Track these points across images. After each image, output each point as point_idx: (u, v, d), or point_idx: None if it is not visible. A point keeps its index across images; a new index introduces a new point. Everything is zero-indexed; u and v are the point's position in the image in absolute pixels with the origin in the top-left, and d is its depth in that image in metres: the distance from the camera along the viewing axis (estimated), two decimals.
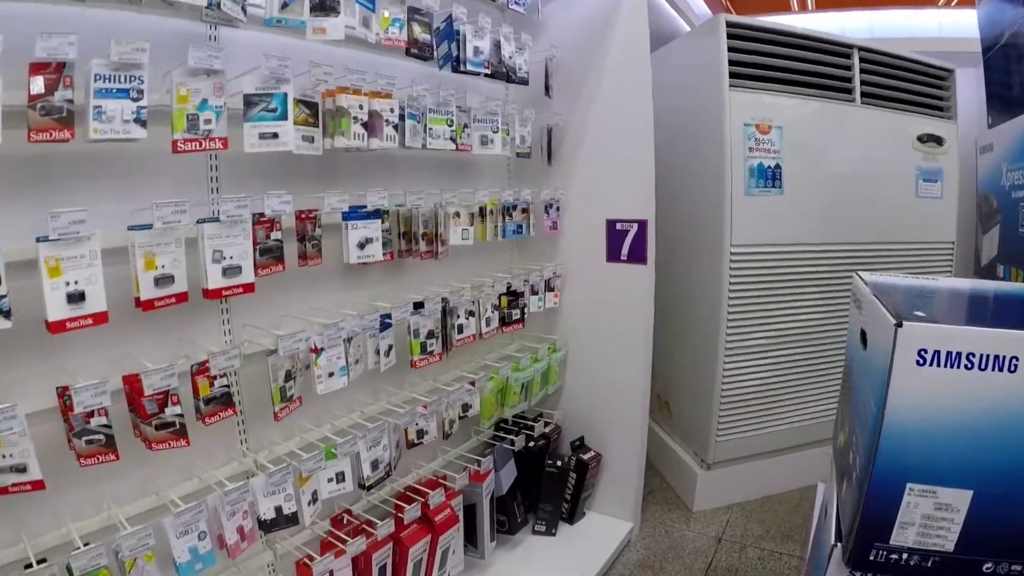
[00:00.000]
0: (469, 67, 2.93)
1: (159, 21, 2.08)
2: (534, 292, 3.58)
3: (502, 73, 3.13)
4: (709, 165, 3.95)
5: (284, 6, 2.22)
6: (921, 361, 1.15)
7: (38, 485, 1.76)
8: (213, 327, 2.38)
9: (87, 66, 1.81)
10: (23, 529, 1.88)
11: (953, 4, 5.85)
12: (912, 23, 6.00)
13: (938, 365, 1.14)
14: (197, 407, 2.14)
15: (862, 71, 4.11)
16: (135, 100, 1.89)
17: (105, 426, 1.91)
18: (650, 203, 3.54)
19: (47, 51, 1.74)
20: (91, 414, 1.88)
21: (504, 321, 3.38)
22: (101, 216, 1.87)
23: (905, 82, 4.27)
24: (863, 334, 1.45)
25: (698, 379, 4.24)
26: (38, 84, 1.77)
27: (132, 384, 1.98)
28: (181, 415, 2.06)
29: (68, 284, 1.80)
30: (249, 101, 2.15)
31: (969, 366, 1.13)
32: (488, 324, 3.27)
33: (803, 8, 6.07)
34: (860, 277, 1.65)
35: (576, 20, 3.65)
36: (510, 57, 3.16)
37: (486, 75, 3.05)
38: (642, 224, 3.55)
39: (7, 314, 1.72)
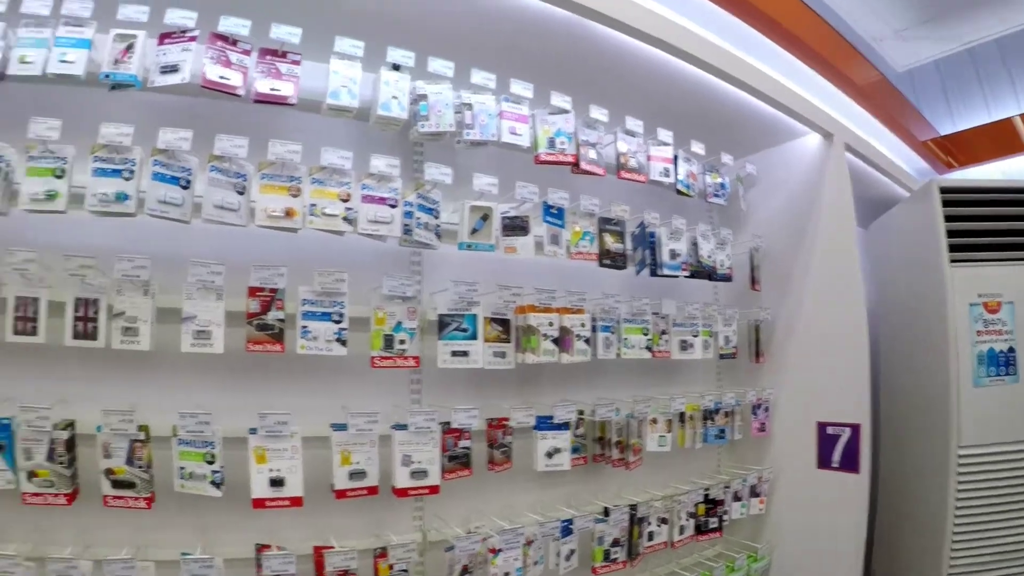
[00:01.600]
0: (666, 271, 3.12)
1: (371, 243, 2.49)
2: (737, 498, 3.53)
3: (702, 272, 3.28)
4: (931, 352, 3.67)
5: (474, 231, 2.56)
6: None
7: None
8: (406, 513, 2.72)
9: (296, 290, 2.31)
10: None
11: None
12: None
13: None
14: None
15: None
16: (336, 323, 2.35)
17: None
18: (864, 405, 3.39)
19: (260, 280, 2.29)
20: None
21: (700, 529, 3.35)
22: (310, 411, 2.38)
23: None
24: None
25: None
26: (254, 305, 2.29)
27: (319, 555, 2.37)
28: None
29: (271, 471, 2.28)
30: (443, 321, 2.51)
31: None
32: (682, 532, 3.26)
33: None
34: None
35: (779, 207, 3.75)
36: (709, 256, 3.31)
37: (686, 276, 3.20)
38: (855, 429, 3.38)
39: (219, 485, 2.24)
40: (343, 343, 2.34)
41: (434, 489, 2.48)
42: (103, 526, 2.37)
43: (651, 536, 3.13)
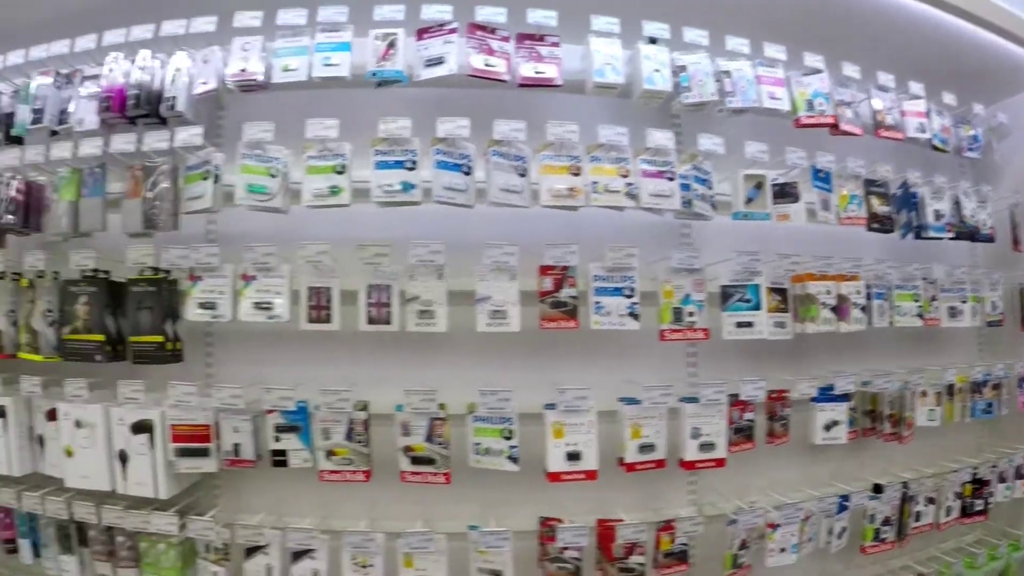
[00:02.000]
0: (931, 233, 2.93)
1: (640, 216, 2.49)
2: (1002, 480, 3.29)
3: (965, 233, 3.06)
4: None
5: (748, 200, 2.50)
6: None
7: None
8: (680, 487, 2.74)
9: (586, 267, 2.35)
10: None
11: None
12: None
13: None
14: (655, 558, 2.48)
15: None
16: (627, 297, 2.35)
17: (577, 560, 2.41)
18: None
19: (553, 259, 2.32)
20: (566, 548, 2.38)
21: (965, 511, 3.14)
22: (595, 385, 2.38)
23: None
24: None
25: None
26: (547, 283, 2.33)
27: (604, 528, 2.42)
28: (643, 564, 2.44)
29: (567, 445, 2.34)
30: (726, 292, 2.47)
31: None
32: (948, 514, 3.06)
33: None
34: None
35: None
36: (972, 215, 3.09)
37: (950, 238, 3.01)
38: None
39: (516, 460, 2.32)
40: (635, 317, 2.35)
41: (720, 462, 2.47)
42: (390, 501, 2.55)
43: (918, 517, 2.98)
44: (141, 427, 2.45)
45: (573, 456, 2.31)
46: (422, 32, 2.40)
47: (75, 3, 2.86)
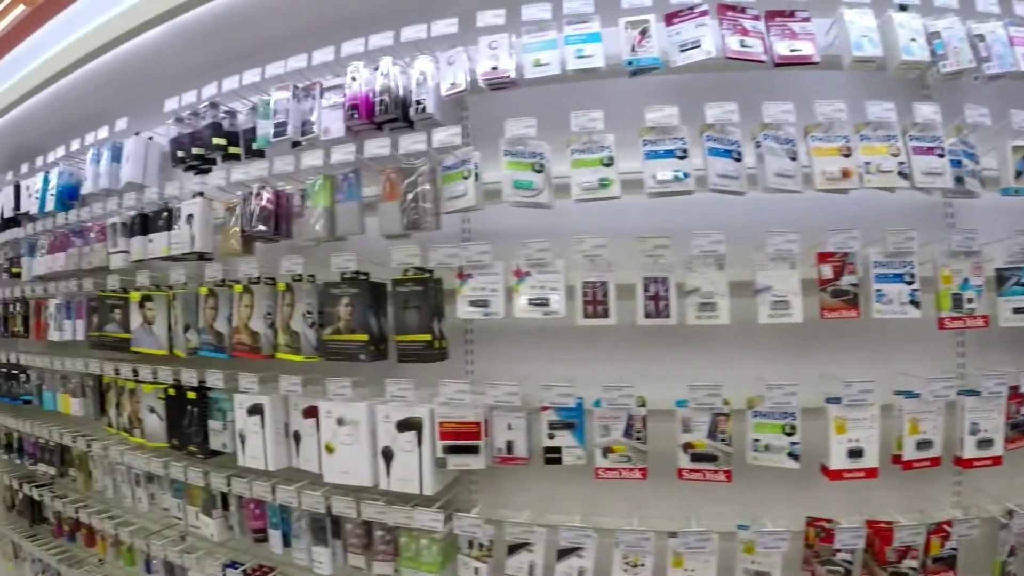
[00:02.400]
0: None
1: (902, 196, 2.40)
2: None
3: None
4: None
5: (1019, 175, 2.41)
6: None
7: None
8: (944, 487, 2.58)
9: (864, 253, 2.28)
10: None
11: None
12: None
13: None
14: (923, 563, 2.36)
15: None
16: (908, 283, 2.27)
17: (848, 563, 2.33)
18: None
19: (835, 245, 2.26)
20: (839, 550, 2.31)
21: None
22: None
23: None
24: None
25: None
26: (826, 271, 2.28)
27: (879, 530, 2.33)
28: (916, 569, 2.33)
29: (850, 441, 2.27)
30: (1002, 276, 2.35)
31: None
32: None
33: None
34: None
35: None
36: None
37: None
38: None
39: (797, 457, 2.28)
40: (916, 304, 2.26)
41: (997, 460, 2.34)
42: (651, 498, 2.56)
43: None
44: (408, 425, 2.54)
45: (855, 453, 2.26)
46: (671, 17, 2.39)
47: (314, 19, 3.02)
